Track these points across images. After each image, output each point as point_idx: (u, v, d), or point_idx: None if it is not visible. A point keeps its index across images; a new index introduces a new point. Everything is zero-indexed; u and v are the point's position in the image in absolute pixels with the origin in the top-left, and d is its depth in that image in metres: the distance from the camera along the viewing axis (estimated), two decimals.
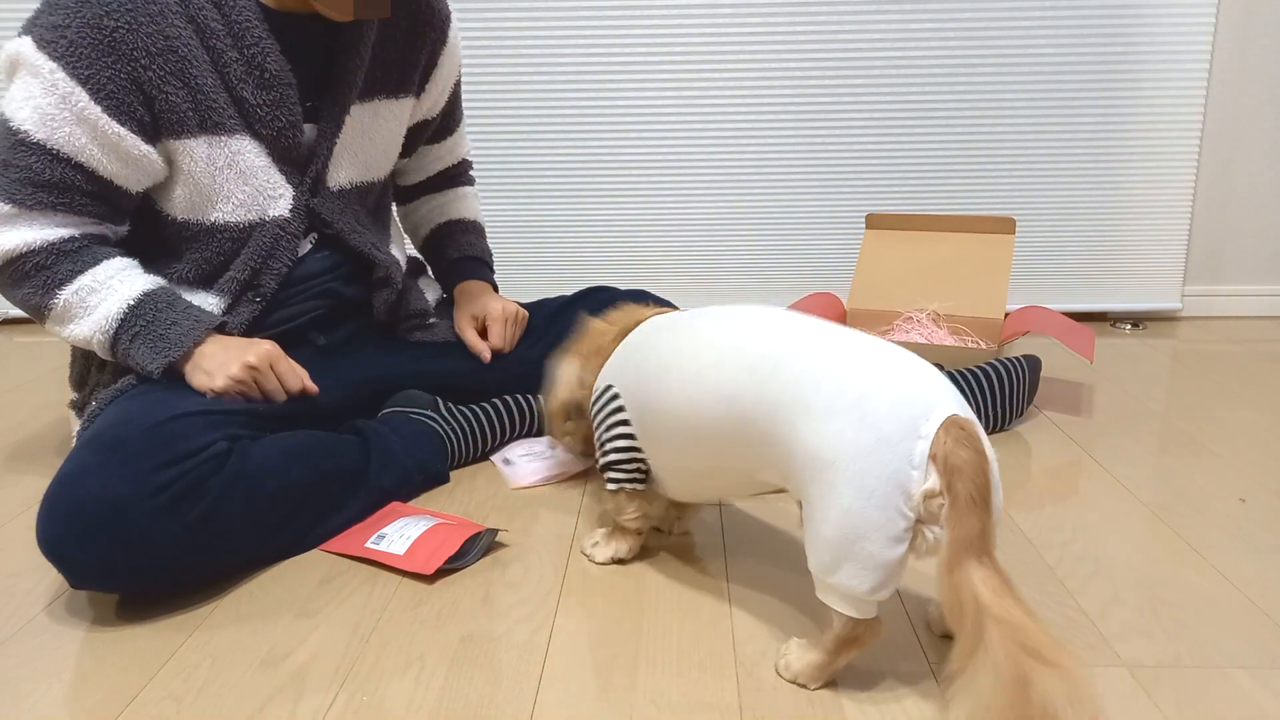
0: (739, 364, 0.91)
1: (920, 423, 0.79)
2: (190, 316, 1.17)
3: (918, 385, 0.82)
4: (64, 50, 1.06)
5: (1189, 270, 2.23)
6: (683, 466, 1.02)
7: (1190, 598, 1.04)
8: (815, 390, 0.83)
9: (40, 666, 0.95)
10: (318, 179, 1.25)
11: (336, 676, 0.92)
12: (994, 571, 0.76)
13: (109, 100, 1.09)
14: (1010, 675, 0.70)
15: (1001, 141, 2.13)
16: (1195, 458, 1.43)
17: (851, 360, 0.85)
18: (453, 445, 1.37)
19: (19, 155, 1.09)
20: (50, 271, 1.13)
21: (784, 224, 2.21)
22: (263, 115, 1.17)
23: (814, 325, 0.91)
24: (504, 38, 2.08)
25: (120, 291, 1.14)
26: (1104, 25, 2.05)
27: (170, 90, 1.12)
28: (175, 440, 1.03)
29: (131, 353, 1.15)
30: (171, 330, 1.15)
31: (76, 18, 1.06)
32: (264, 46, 1.15)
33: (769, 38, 2.08)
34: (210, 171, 1.17)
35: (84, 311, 1.14)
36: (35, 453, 1.51)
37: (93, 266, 1.14)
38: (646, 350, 1.04)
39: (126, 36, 1.08)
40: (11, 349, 2.14)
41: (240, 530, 1.07)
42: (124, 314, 1.14)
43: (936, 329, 1.76)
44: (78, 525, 0.97)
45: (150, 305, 1.15)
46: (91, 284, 1.13)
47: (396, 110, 1.33)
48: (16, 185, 1.10)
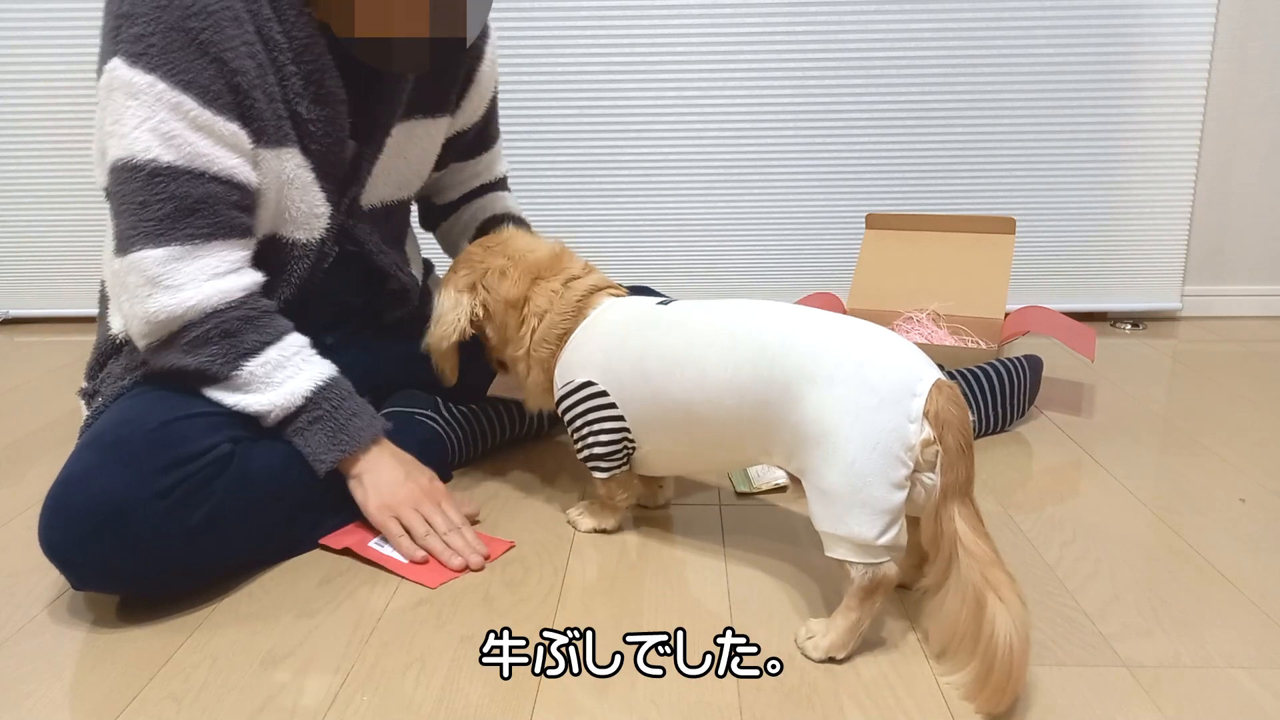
0: (751, 351, 0.98)
1: (915, 384, 0.89)
2: (367, 411, 1.15)
3: (906, 355, 0.92)
4: (157, 59, 1.00)
5: (1189, 270, 2.23)
6: (673, 450, 1.10)
7: (1190, 598, 1.04)
8: (818, 362, 0.92)
9: (40, 666, 0.95)
10: (354, 198, 1.24)
11: (336, 677, 0.92)
12: (973, 511, 0.89)
13: (215, 102, 1.04)
14: (972, 597, 0.84)
15: (1001, 141, 2.13)
16: (1195, 458, 1.43)
17: (846, 336, 0.95)
18: (453, 445, 1.37)
19: (158, 187, 1.02)
20: (236, 340, 1.08)
21: (784, 224, 2.21)
22: (314, 131, 1.14)
23: (805, 311, 1.01)
24: (504, 38, 2.07)
25: (308, 371, 1.11)
26: (1104, 25, 2.05)
27: (256, 97, 1.08)
28: (178, 442, 1.02)
29: (308, 436, 1.11)
30: (352, 422, 1.12)
31: (160, 24, 1.00)
32: (323, 64, 1.12)
33: (769, 38, 2.08)
34: (279, 185, 1.14)
35: (267, 386, 1.09)
36: (35, 453, 1.51)
37: (279, 340, 1.10)
38: (642, 348, 1.07)
39: (213, 38, 1.03)
40: (11, 349, 2.14)
41: (243, 532, 1.07)
42: (312, 393, 1.11)
43: (936, 329, 1.76)
44: (80, 528, 0.97)
45: (335, 392, 1.13)
46: (279, 358, 1.10)
47: (433, 129, 1.32)
48: (168, 223, 1.03)
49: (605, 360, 1.10)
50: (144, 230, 1.04)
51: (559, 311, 1.14)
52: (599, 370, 1.10)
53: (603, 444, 1.12)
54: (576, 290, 1.15)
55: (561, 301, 1.14)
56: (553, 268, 1.17)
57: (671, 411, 1.04)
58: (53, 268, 2.27)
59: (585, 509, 1.22)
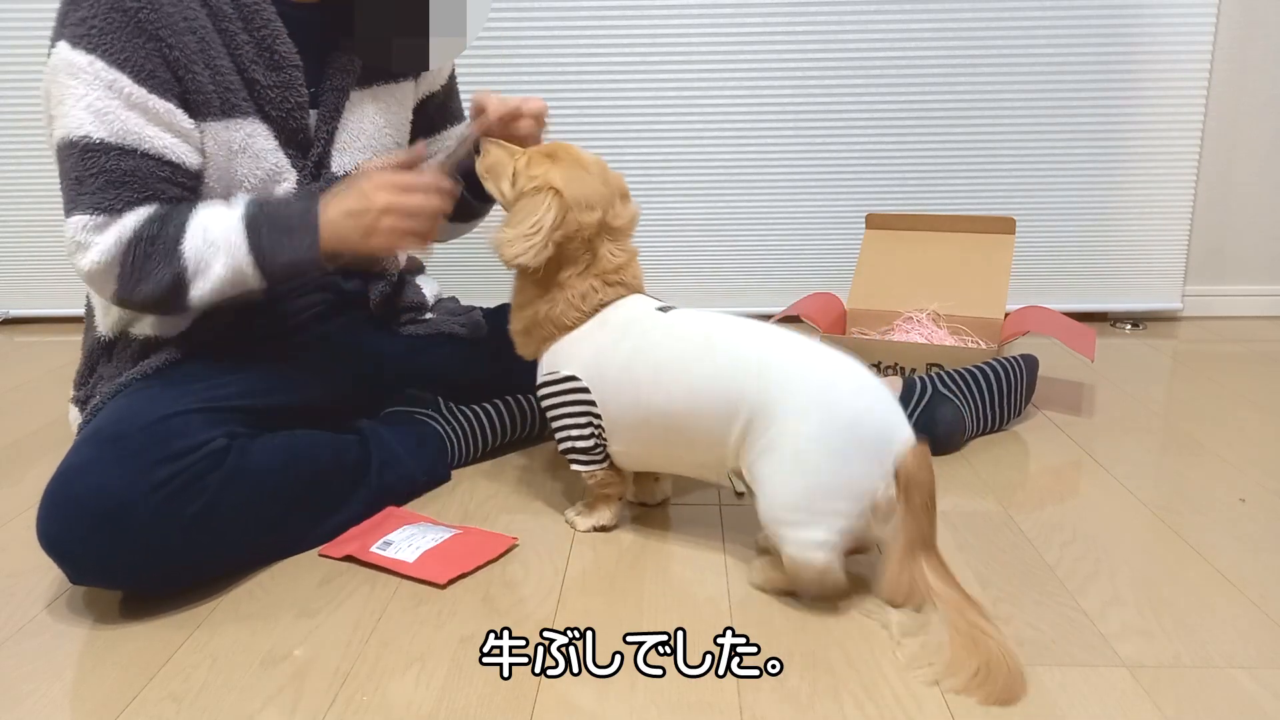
0: (735, 368, 1.03)
1: (892, 440, 0.96)
2: (300, 196, 1.16)
3: (885, 403, 0.99)
4: (96, 40, 1.04)
5: (1189, 270, 2.23)
6: (638, 451, 1.14)
7: (1190, 598, 1.04)
8: (801, 390, 0.99)
9: (40, 666, 0.95)
10: (320, 163, 1.25)
11: (336, 676, 0.92)
12: (939, 562, 0.96)
13: (150, 79, 1.07)
14: (964, 630, 0.90)
15: (1001, 141, 2.13)
16: (1195, 458, 1.43)
17: (822, 362, 1.01)
18: (453, 445, 1.37)
19: (89, 162, 1.06)
20: (162, 238, 1.08)
21: (784, 224, 2.20)
22: (273, 97, 1.17)
23: (793, 336, 1.06)
24: (504, 38, 2.07)
25: (227, 210, 1.11)
26: (1104, 25, 2.04)
27: (196, 71, 1.11)
28: (174, 437, 1.03)
29: (277, 251, 1.10)
30: (290, 210, 1.12)
31: (101, 6, 1.05)
32: (273, 29, 1.15)
33: (769, 38, 2.08)
34: (228, 155, 1.16)
35: (214, 249, 1.09)
36: (35, 452, 1.51)
37: (192, 210, 1.11)
38: (630, 353, 1.09)
39: (150, 16, 1.07)
40: (11, 349, 2.14)
41: (239, 527, 1.07)
42: (244, 214, 1.10)
43: (936, 329, 1.76)
44: (77, 521, 0.98)
45: (256, 204, 1.12)
46: (204, 221, 1.09)
47: (398, 94, 1.33)
48: (99, 193, 1.06)
49: (595, 358, 1.12)
50: (78, 202, 1.07)
51: (579, 310, 1.13)
52: (582, 365, 1.12)
53: (590, 435, 1.14)
54: (609, 294, 1.14)
55: (586, 303, 1.13)
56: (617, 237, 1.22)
57: (651, 418, 1.08)
58: (53, 268, 2.27)
59: (581, 508, 1.23)
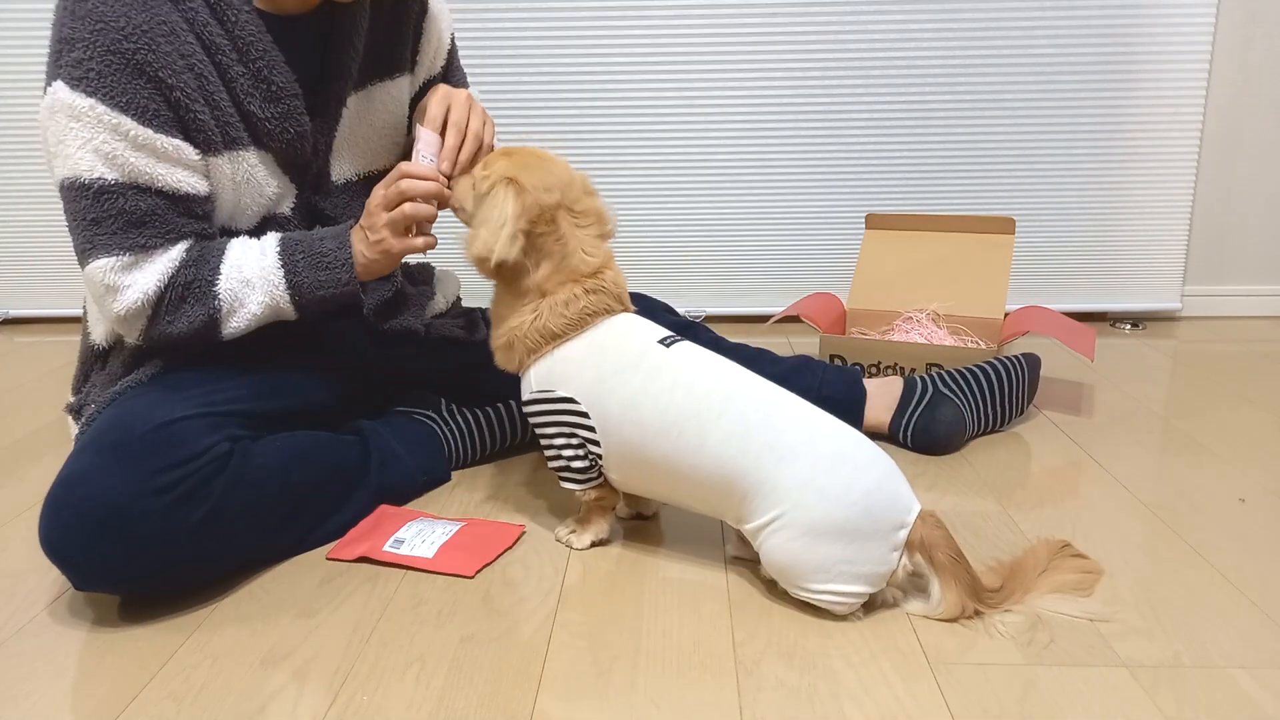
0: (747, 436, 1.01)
1: (904, 515, 0.98)
2: (329, 230, 1.18)
3: (893, 477, 1.01)
4: (95, 83, 1.03)
5: (1189, 270, 2.23)
6: (643, 484, 1.12)
7: (1190, 598, 1.04)
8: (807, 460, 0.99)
9: (40, 666, 0.95)
10: (320, 174, 1.25)
11: (336, 676, 0.92)
12: (991, 592, 1.00)
13: (155, 120, 1.06)
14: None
15: (1001, 141, 2.13)
16: (1195, 458, 1.43)
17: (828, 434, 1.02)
18: (451, 447, 1.37)
19: (106, 203, 1.06)
20: (197, 281, 1.11)
21: (784, 224, 2.20)
22: (272, 129, 1.16)
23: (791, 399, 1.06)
24: (504, 38, 2.07)
25: (258, 247, 1.14)
26: (1104, 25, 2.05)
27: (197, 110, 1.09)
28: (177, 443, 1.03)
29: (316, 287, 1.15)
30: (324, 246, 1.15)
31: (96, 48, 1.03)
32: (270, 59, 1.13)
33: (769, 38, 2.08)
34: (233, 186, 1.16)
35: (249, 288, 1.13)
36: (35, 453, 1.51)
37: (224, 252, 1.13)
38: (637, 391, 1.05)
39: (149, 58, 1.05)
40: (11, 349, 2.14)
41: (243, 531, 1.07)
42: (279, 254, 1.14)
43: (936, 329, 1.76)
44: (81, 529, 0.97)
45: (291, 241, 1.15)
46: (238, 261, 1.13)
47: (394, 90, 1.32)
48: (121, 234, 1.07)
49: (595, 385, 1.07)
50: (99, 243, 1.07)
51: (564, 316, 1.09)
52: (581, 389, 1.08)
53: (586, 455, 1.10)
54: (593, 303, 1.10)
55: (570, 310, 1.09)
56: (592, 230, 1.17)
57: (652, 459, 1.05)
58: (53, 268, 2.27)
59: (574, 524, 1.19)
